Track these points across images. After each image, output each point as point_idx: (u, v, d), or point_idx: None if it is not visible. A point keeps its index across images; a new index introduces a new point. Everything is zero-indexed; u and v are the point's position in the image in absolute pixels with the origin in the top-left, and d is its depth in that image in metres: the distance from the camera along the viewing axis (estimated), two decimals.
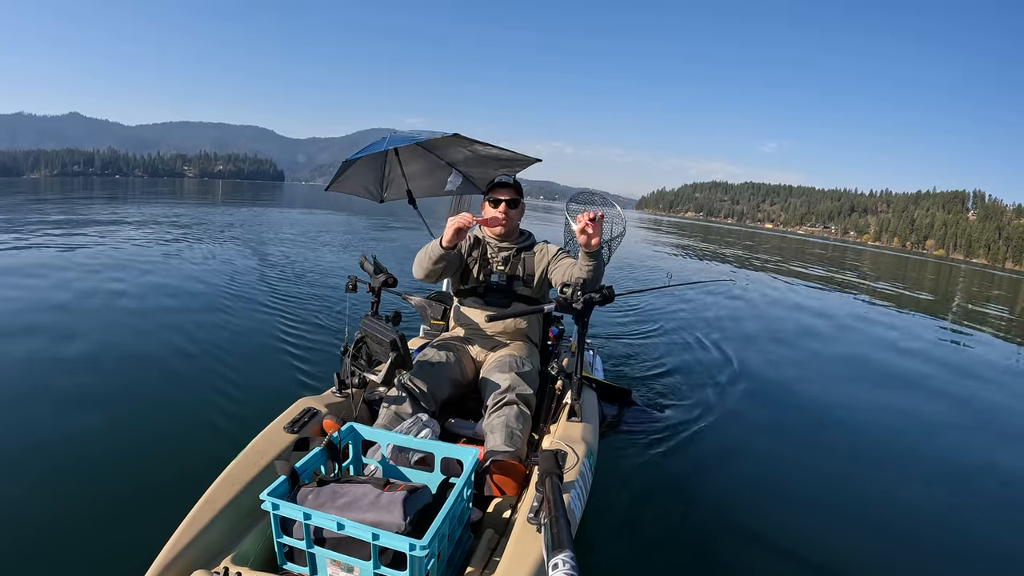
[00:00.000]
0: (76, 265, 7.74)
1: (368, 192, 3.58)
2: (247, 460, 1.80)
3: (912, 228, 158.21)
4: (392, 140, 2.71)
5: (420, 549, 1.30)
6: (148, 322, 5.20)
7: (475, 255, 2.64)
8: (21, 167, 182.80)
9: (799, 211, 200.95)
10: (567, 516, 1.33)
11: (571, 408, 2.20)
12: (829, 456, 3.76)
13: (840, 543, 2.71)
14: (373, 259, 2.57)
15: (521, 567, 1.38)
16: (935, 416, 4.92)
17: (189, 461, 2.72)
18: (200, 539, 1.51)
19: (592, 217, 2.01)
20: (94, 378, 3.77)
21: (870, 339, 8.22)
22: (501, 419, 2.12)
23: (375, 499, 1.45)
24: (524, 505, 1.65)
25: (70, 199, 23.20)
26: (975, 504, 3.34)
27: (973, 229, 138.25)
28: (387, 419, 2.11)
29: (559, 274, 2.46)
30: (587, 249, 2.09)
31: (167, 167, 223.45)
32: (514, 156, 3.07)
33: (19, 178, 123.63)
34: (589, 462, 1.98)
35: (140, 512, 2.32)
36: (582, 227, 2.02)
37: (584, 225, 2.01)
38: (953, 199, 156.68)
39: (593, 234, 2.03)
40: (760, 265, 19.20)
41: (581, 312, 2.11)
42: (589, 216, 2.01)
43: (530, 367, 2.41)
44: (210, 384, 3.75)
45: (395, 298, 3.59)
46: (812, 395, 5.06)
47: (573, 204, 3.56)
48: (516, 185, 2.62)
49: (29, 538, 2.16)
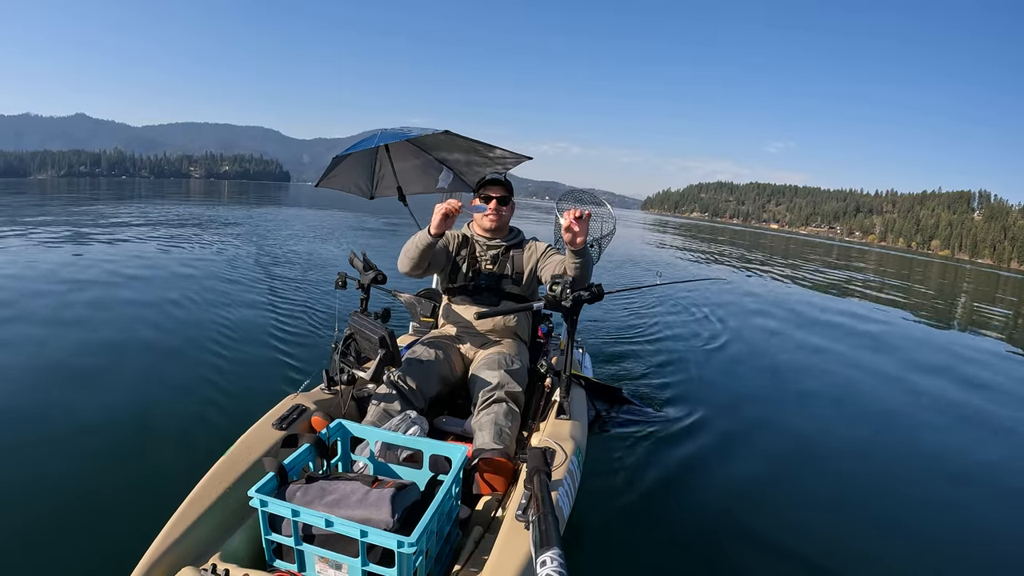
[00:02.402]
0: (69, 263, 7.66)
1: (359, 188, 3.56)
2: (235, 457, 1.80)
3: (917, 228, 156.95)
4: (383, 136, 2.71)
5: (408, 546, 1.30)
6: (136, 318, 5.14)
7: (464, 253, 2.63)
8: (27, 168, 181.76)
9: (804, 211, 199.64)
10: (555, 513, 1.34)
11: (560, 406, 2.21)
12: (819, 452, 3.79)
13: (830, 538, 2.74)
14: (363, 256, 2.57)
15: (509, 564, 1.39)
16: (926, 412, 4.97)
17: (177, 457, 2.70)
18: (188, 536, 1.50)
19: (577, 215, 2.00)
20: (80, 374, 3.73)
21: (870, 338, 8.22)
22: (490, 416, 2.13)
23: (363, 496, 1.46)
24: (512, 502, 1.66)
25: (78, 201, 22.84)
26: (965, 500, 3.36)
27: (978, 229, 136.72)
28: (376, 416, 2.11)
29: (548, 271, 2.45)
30: (572, 247, 2.09)
31: (173, 168, 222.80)
32: (505, 154, 3.07)
33: (25, 179, 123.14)
34: (577, 459, 1.99)
35: (127, 509, 2.30)
36: (567, 224, 2.01)
37: (569, 223, 2.00)
38: (959, 199, 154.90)
39: (578, 232, 2.02)
40: (758, 266, 19.26)
41: (570, 310, 2.11)
42: (574, 214, 1.99)
43: (519, 365, 2.42)
44: (198, 380, 3.73)
45: (385, 295, 3.58)
46: (804, 393, 5.09)
47: (563, 203, 3.57)
48: (507, 183, 2.61)
49: (14, 536, 2.13)
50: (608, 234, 3.53)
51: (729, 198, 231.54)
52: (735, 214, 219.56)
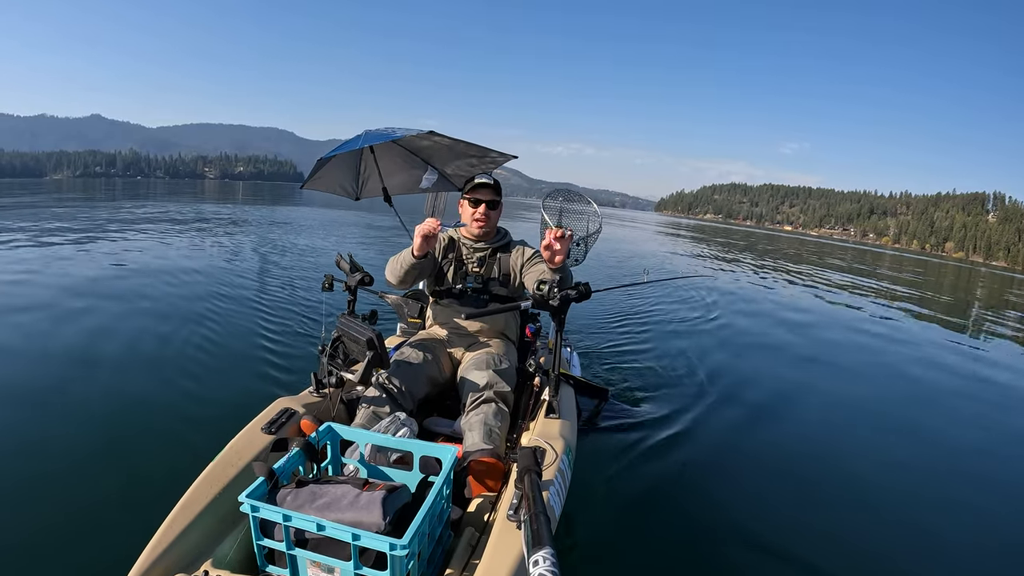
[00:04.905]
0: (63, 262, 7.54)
1: (344, 190, 3.55)
2: (225, 462, 1.79)
3: (931, 230, 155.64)
4: (368, 138, 2.69)
5: (400, 549, 1.31)
6: (122, 321, 5.06)
7: (450, 256, 2.63)
8: (43, 168, 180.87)
9: (818, 213, 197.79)
10: (547, 513, 1.35)
11: (549, 405, 2.23)
12: (812, 450, 3.81)
13: (818, 536, 2.76)
14: (349, 257, 2.56)
15: (502, 564, 1.40)
16: (926, 411, 5.02)
17: (166, 463, 2.67)
18: (179, 543, 1.50)
19: (559, 235, 2.01)
20: (68, 377, 3.68)
21: (869, 338, 8.22)
22: (479, 417, 2.14)
23: (354, 499, 1.46)
24: (504, 502, 1.67)
25: (92, 201, 22.49)
26: (965, 499, 3.36)
27: (993, 231, 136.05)
28: (365, 418, 2.11)
29: (531, 279, 2.44)
30: (551, 265, 2.12)
31: (188, 168, 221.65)
32: (489, 152, 3.07)
33: (41, 179, 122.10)
34: (568, 458, 2.01)
35: (117, 517, 2.27)
36: (547, 243, 2.04)
37: (549, 242, 2.03)
38: (973, 201, 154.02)
39: (559, 251, 2.04)
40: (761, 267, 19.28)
41: (558, 309, 2.12)
42: (555, 234, 2.01)
43: (508, 364, 2.42)
44: (184, 385, 3.68)
45: (372, 296, 3.57)
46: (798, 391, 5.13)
47: (549, 201, 3.57)
48: (496, 185, 2.61)
49: (2, 546, 2.10)
50: (594, 233, 3.53)
51: (743, 199, 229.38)
52: (749, 216, 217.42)
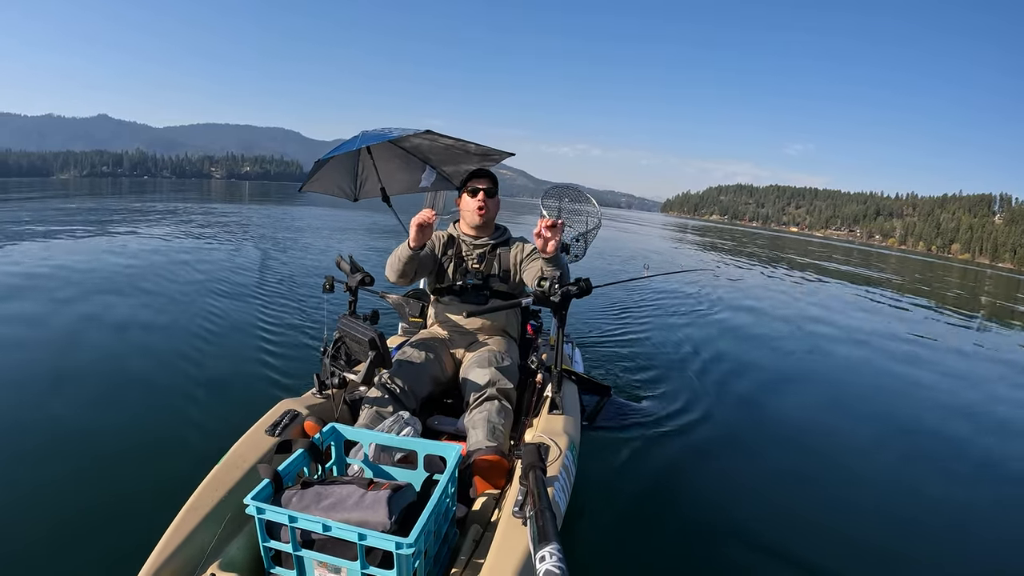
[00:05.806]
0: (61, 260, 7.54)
1: (342, 191, 3.55)
2: (230, 465, 1.79)
3: (938, 232, 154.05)
4: (365, 138, 2.69)
5: (407, 547, 1.31)
6: (125, 324, 5.05)
7: (450, 253, 2.64)
8: (50, 167, 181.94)
9: (824, 214, 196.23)
10: (552, 508, 1.35)
11: (552, 401, 2.23)
12: (816, 447, 3.82)
13: (824, 532, 2.76)
14: (349, 258, 2.56)
15: (508, 561, 1.40)
16: (927, 410, 5.01)
17: (171, 467, 2.67)
18: (185, 546, 1.50)
19: (550, 224, 2.04)
20: (71, 381, 3.68)
21: (871, 337, 8.18)
22: (483, 414, 2.14)
23: (360, 499, 1.46)
24: (508, 499, 1.67)
25: (94, 199, 22.51)
26: (965, 498, 3.35)
27: (999, 233, 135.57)
28: (368, 418, 2.11)
29: (530, 274, 2.47)
30: (544, 255, 2.13)
31: (194, 168, 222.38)
32: (487, 150, 3.07)
33: (48, 178, 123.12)
34: (572, 454, 2.01)
35: (123, 521, 2.27)
36: (537, 231, 2.06)
37: (540, 229, 2.05)
38: (979, 202, 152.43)
39: (549, 238, 2.07)
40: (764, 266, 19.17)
41: (559, 305, 2.13)
42: (546, 223, 2.04)
43: (510, 362, 2.43)
44: (188, 389, 3.67)
45: (373, 297, 3.57)
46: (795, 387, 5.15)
47: (547, 199, 3.58)
48: (492, 176, 2.64)
49: (8, 552, 2.10)
50: (593, 228, 3.54)
51: (749, 200, 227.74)
52: (755, 217, 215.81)
